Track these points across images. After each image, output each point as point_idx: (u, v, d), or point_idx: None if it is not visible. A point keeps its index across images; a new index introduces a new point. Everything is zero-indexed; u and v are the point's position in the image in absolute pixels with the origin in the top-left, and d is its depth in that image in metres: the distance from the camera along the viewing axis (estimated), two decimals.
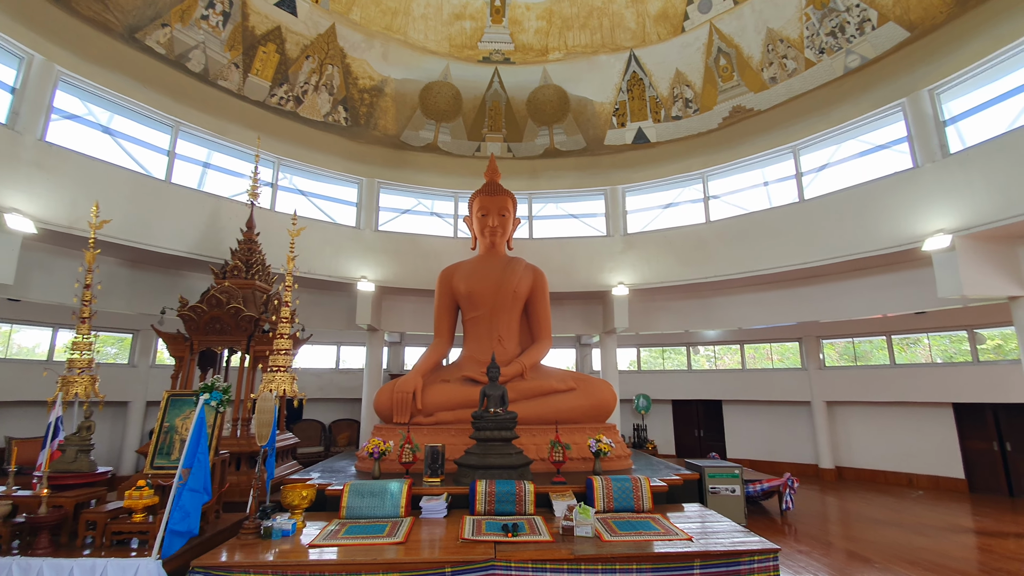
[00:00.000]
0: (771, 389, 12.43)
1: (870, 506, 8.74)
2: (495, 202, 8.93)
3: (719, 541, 4.39)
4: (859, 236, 8.26)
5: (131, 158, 8.22)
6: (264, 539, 4.49)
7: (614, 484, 5.54)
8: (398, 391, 7.27)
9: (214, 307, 7.11)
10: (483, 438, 6.19)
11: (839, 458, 11.55)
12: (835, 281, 9.36)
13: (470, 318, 8.57)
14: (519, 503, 5.34)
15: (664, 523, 4.89)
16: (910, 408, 10.77)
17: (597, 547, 4.24)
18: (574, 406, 7.45)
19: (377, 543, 4.32)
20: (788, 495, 7.72)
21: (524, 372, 7.81)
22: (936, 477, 10.27)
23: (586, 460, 6.96)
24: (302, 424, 12.57)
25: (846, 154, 9.07)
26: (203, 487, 3.98)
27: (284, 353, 6.40)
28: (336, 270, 9.89)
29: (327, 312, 10.67)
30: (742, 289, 10.40)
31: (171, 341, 7.27)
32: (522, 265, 8.79)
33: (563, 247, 10.98)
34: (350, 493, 5.29)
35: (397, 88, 10.43)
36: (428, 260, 10.53)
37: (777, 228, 9.26)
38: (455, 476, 6.23)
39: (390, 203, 11.20)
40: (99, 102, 8.02)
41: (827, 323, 11.42)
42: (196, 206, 8.47)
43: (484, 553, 4.10)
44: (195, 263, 8.46)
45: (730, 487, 6.89)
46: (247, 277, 7.74)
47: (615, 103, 10.79)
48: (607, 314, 11.04)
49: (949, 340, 10.89)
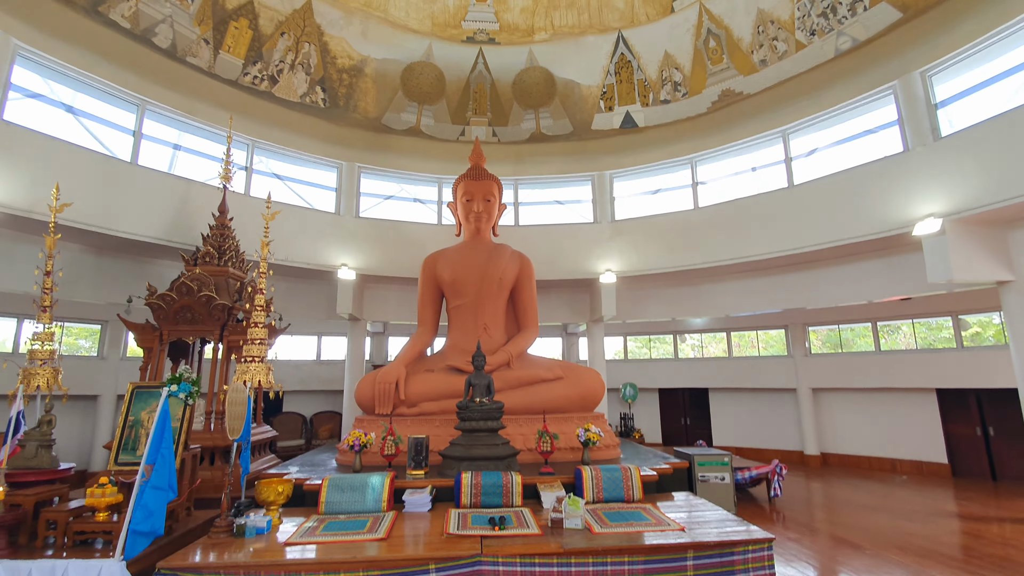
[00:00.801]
0: (757, 376, 12.43)
1: (856, 492, 8.76)
2: (480, 187, 8.66)
3: (711, 531, 4.25)
4: (849, 221, 8.18)
5: (95, 139, 7.77)
6: (237, 537, 4.23)
7: (604, 474, 5.38)
8: (380, 381, 7.02)
9: (184, 295, 6.76)
10: (469, 429, 5.98)
11: (824, 444, 11.61)
12: (824, 267, 9.30)
13: (455, 306, 8.32)
14: (506, 495, 5.16)
15: (655, 513, 4.74)
16: (894, 394, 10.84)
17: (587, 540, 4.07)
18: (562, 395, 7.27)
19: (357, 540, 4.10)
20: (776, 482, 7.68)
21: (510, 361, 7.60)
22: (919, 462, 10.36)
23: (574, 450, 6.79)
24: (282, 417, 12.25)
25: (836, 138, 8.97)
26: (168, 484, 3.71)
27: (259, 343, 6.10)
28: (315, 257, 9.55)
29: (306, 301, 10.34)
30: (730, 276, 10.31)
31: (139, 331, 6.91)
32: (508, 252, 8.55)
33: (550, 234, 10.77)
34: (329, 488, 5.05)
35: (377, 68, 10.05)
36: (411, 247, 10.23)
37: (766, 214, 9.15)
38: (440, 468, 6.02)
39: (371, 188, 10.85)
40: (60, 79, 7.55)
41: (813, 310, 11.42)
42: (165, 190, 8.06)
43: (470, 548, 3.90)
44: (165, 250, 8.07)
45: (720, 475, 6.79)
46: (220, 264, 7.38)
47: (603, 86, 10.55)
48: (594, 302, 10.88)
49: (927, 328, 10.95)
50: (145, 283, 7.34)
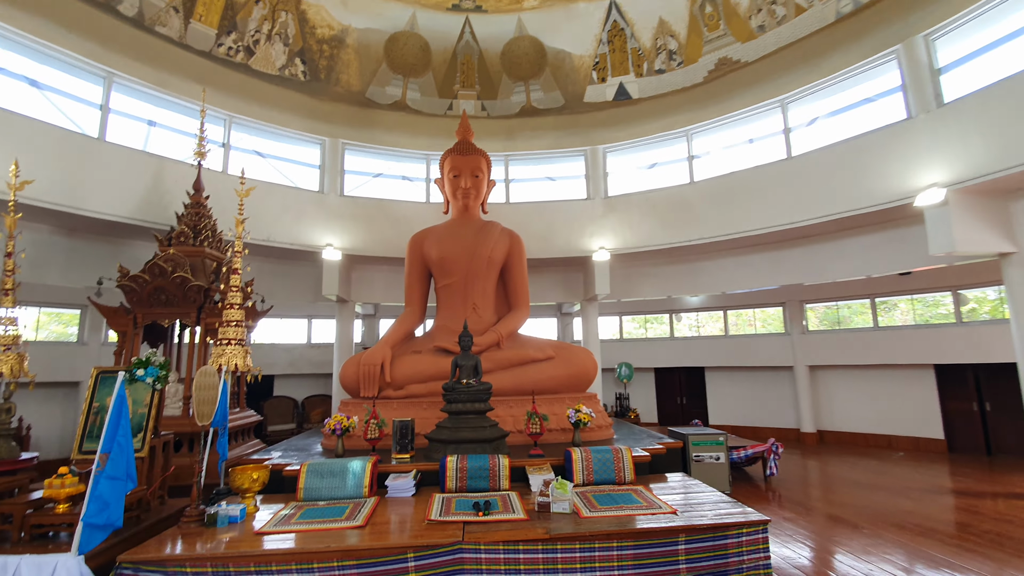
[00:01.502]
0: (754, 355, 12.28)
1: (853, 469, 8.65)
2: (467, 162, 8.33)
3: (705, 513, 4.08)
4: (849, 193, 7.91)
5: (62, 114, 7.38)
6: (208, 527, 4.04)
7: (594, 456, 5.19)
8: (365, 363, 6.79)
9: (157, 276, 6.49)
10: (455, 411, 5.78)
11: (820, 422, 11.52)
12: (822, 242, 9.05)
13: (443, 286, 8.06)
14: (493, 478, 4.98)
15: (647, 495, 4.57)
16: (892, 371, 10.70)
17: (575, 524, 3.89)
18: (553, 375, 7.07)
19: (334, 527, 3.90)
20: (773, 461, 7.55)
21: (500, 341, 7.38)
22: (916, 438, 10.27)
23: (564, 431, 6.62)
24: (273, 401, 12.08)
25: (837, 107, 8.63)
26: (125, 474, 3.49)
27: (235, 325, 5.84)
28: (298, 237, 9.24)
29: (291, 283, 10.05)
30: (727, 252, 10.06)
31: (112, 315, 6.65)
32: (497, 229, 8.26)
33: (541, 211, 10.46)
34: (308, 473, 4.85)
35: (359, 39, 9.60)
36: (399, 226, 9.92)
37: (764, 187, 8.86)
38: (426, 452, 5.84)
39: (356, 166, 10.49)
40: (20, 50, 7.13)
41: (811, 287, 11.22)
42: (136, 167, 7.70)
43: (451, 535, 3.72)
44: (139, 230, 7.75)
45: (714, 455, 6.64)
46: (195, 244, 7.09)
47: (595, 56, 10.14)
48: (588, 281, 10.64)
49: (923, 304, 10.77)
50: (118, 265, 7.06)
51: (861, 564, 4.66)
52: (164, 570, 3.48)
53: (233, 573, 3.52)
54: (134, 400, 4.74)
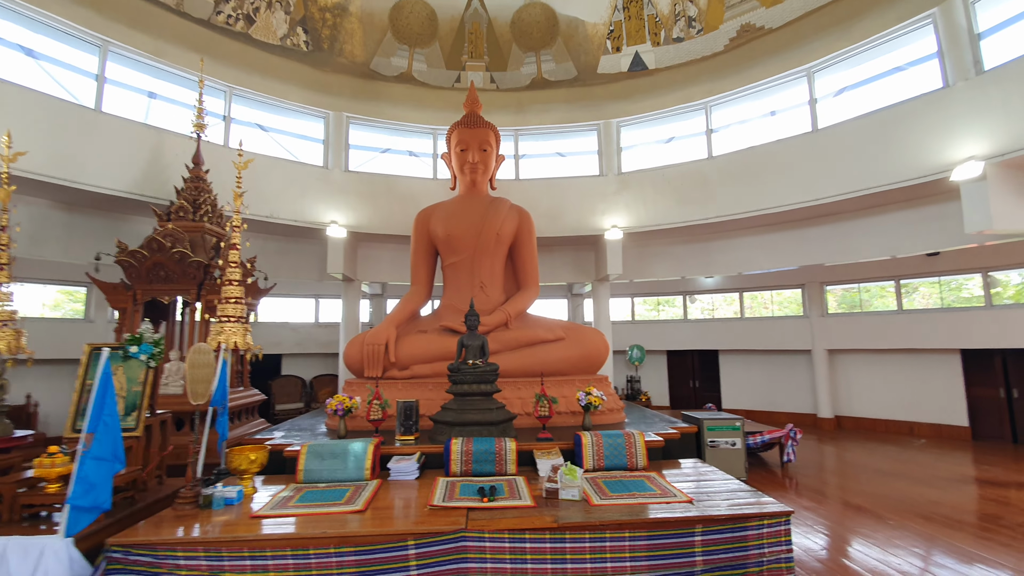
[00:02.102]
0: (770, 338, 11.93)
1: (873, 456, 8.37)
2: (475, 135, 7.99)
3: (722, 502, 3.85)
4: (879, 167, 7.46)
5: (56, 83, 7.15)
6: (204, 509, 3.90)
7: (605, 440, 4.97)
8: (368, 343, 6.60)
9: (155, 252, 6.31)
10: (461, 392, 5.58)
11: (838, 407, 11.20)
12: (847, 220, 8.62)
13: (450, 264, 7.81)
14: (499, 462, 4.77)
15: (660, 482, 4.34)
16: (916, 355, 10.31)
17: (585, 512, 3.68)
18: (563, 356, 6.83)
19: (332, 512, 3.73)
20: (790, 447, 7.28)
21: (508, 321, 7.14)
22: (939, 425, 9.92)
23: (574, 414, 6.40)
24: (281, 380, 12.02)
25: (867, 75, 8.12)
26: (112, 454, 3.32)
27: (234, 302, 5.65)
28: (302, 214, 9.01)
29: (296, 261, 9.86)
30: (745, 231, 9.66)
31: (111, 291, 6.50)
32: (506, 206, 7.95)
33: (552, 188, 10.11)
34: (308, 455, 4.69)
35: (363, 6, 9.21)
36: (405, 203, 9.64)
37: (787, 162, 8.42)
38: (430, 434, 5.66)
39: (361, 140, 10.18)
40: (12, 17, 6.88)
41: (832, 268, 10.79)
42: (134, 140, 7.48)
43: (454, 522, 3.52)
44: (139, 205, 7.56)
45: (730, 440, 6.39)
46: (195, 219, 6.89)
47: (610, 24, 9.65)
48: (600, 260, 10.32)
49: (947, 288, 10.30)
50: (116, 240, 6.89)
51: (889, 557, 4.41)
52: (154, 553, 3.33)
53: (226, 558, 3.37)
54: (128, 378, 4.59)
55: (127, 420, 4.45)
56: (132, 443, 4.38)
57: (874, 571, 4.18)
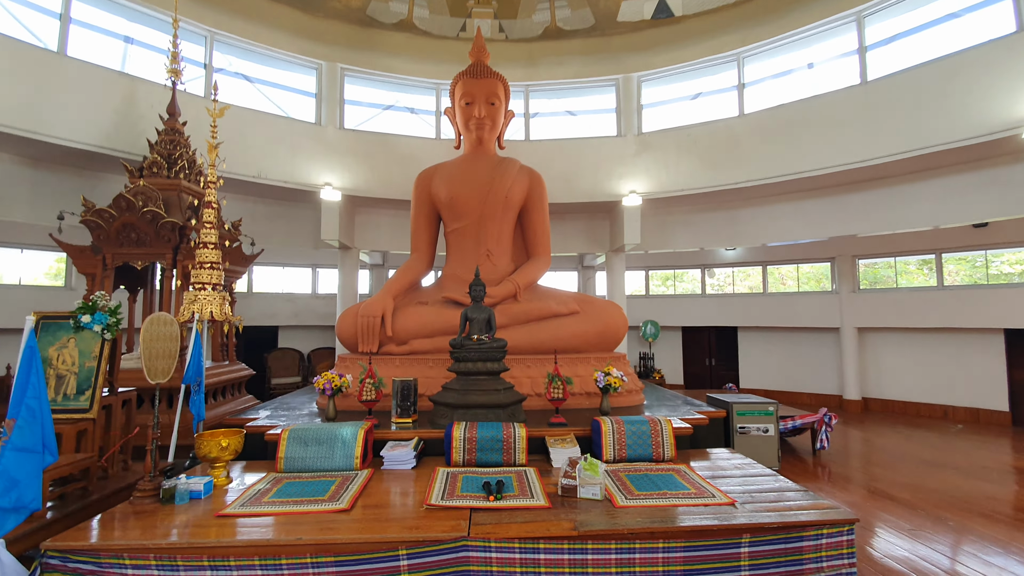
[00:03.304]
0: (795, 315, 11.22)
1: (909, 442, 7.75)
2: (482, 86, 7.17)
3: (770, 505, 3.23)
4: (938, 125, 6.62)
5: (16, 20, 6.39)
6: (165, 504, 3.33)
7: (628, 427, 4.35)
8: (363, 315, 5.98)
9: (124, 211, 5.66)
10: (464, 371, 4.96)
11: (866, 389, 10.55)
12: (892, 185, 7.81)
13: (453, 230, 7.11)
14: (507, 451, 4.18)
15: (692, 477, 3.73)
16: (954, 335, 9.59)
17: (608, 516, 3.07)
18: (577, 332, 6.19)
19: (313, 511, 3.16)
20: (824, 433, 6.67)
21: (517, 292, 6.48)
22: (976, 409, 9.27)
23: (589, 395, 5.80)
24: (277, 353, 11.52)
25: (926, 19, 7.18)
26: (40, 445, 2.74)
27: (209, 267, 5.03)
28: (293, 175, 8.28)
29: (289, 227, 9.18)
30: (777, 198, 8.85)
31: (78, 255, 5.89)
32: (516, 167, 7.20)
33: (565, 150, 9.28)
34: (289, 440, 4.10)
35: None
36: (406, 165, 8.89)
37: (829, 119, 7.56)
38: (430, 416, 5.09)
39: (357, 95, 9.36)
40: None
41: (865, 240, 9.99)
42: (104, 88, 6.74)
43: (454, 527, 2.93)
44: (112, 162, 6.87)
45: (762, 426, 5.78)
46: (170, 176, 6.20)
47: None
48: (615, 229, 9.57)
49: (971, 265, 9.52)
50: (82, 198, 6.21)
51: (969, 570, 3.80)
52: (97, 561, 2.77)
53: (182, 567, 2.80)
54: (81, 351, 4.00)
55: (79, 400, 3.88)
56: (87, 426, 3.82)
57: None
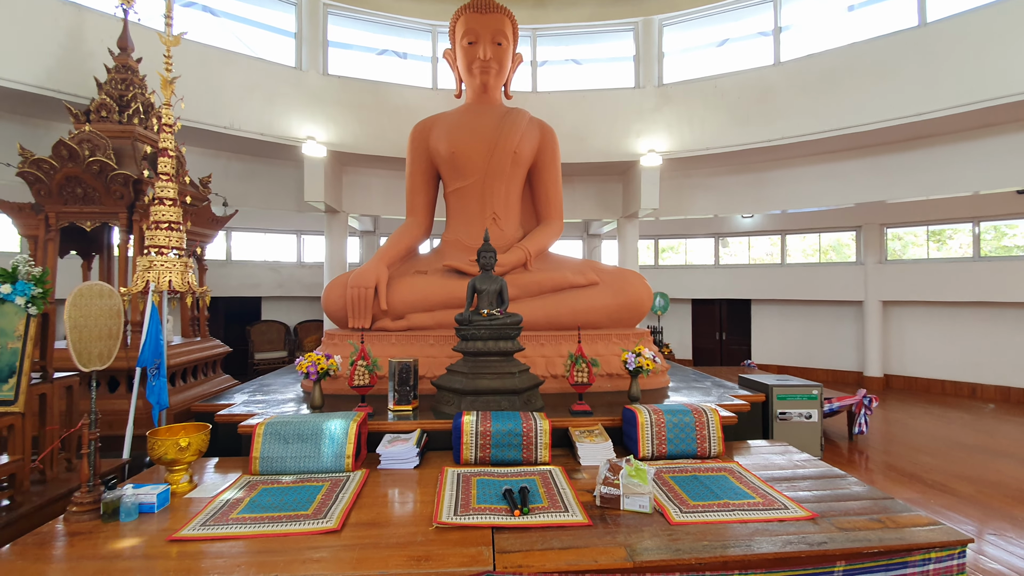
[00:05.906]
0: (815, 287, 10.59)
1: (945, 424, 7.24)
2: (487, 23, 6.23)
3: (856, 520, 2.60)
4: (1004, 73, 5.82)
5: None
6: (108, 521, 2.63)
7: (668, 418, 3.68)
8: (353, 285, 5.21)
9: (67, 161, 4.76)
10: (473, 351, 4.25)
11: (888, 365, 10.04)
12: (933, 146, 7.07)
13: (454, 190, 6.29)
14: (528, 447, 3.51)
15: (751, 480, 3.09)
16: (988, 309, 9.02)
17: (667, 537, 2.41)
18: (597, 306, 5.48)
19: (293, 531, 2.46)
20: (863, 416, 6.11)
21: (528, 261, 5.74)
22: (1007, 388, 8.79)
23: (611, 377, 5.14)
24: (261, 326, 10.75)
25: None
26: None
27: (167, 227, 4.21)
28: (270, 127, 7.34)
29: (268, 187, 8.28)
30: (810, 159, 8.08)
31: (16, 213, 5.01)
32: (525, 118, 6.33)
33: (576, 103, 8.38)
34: (266, 436, 3.39)
35: None
36: (400, 117, 7.96)
37: (879, 67, 6.73)
38: (433, 402, 4.41)
39: (343, 37, 8.32)
40: None
41: (895, 208, 9.29)
42: (47, 18, 5.73)
43: (474, 558, 2.25)
44: (58, 106, 5.91)
45: (805, 412, 5.17)
46: (123, 121, 5.28)
47: None
48: (630, 192, 8.76)
49: (991, 234, 8.95)
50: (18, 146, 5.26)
51: None
52: None
53: None
54: (2, 330, 3.22)
55: (2, 389, 3.13)
56: (13, 421, 3.08)
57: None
